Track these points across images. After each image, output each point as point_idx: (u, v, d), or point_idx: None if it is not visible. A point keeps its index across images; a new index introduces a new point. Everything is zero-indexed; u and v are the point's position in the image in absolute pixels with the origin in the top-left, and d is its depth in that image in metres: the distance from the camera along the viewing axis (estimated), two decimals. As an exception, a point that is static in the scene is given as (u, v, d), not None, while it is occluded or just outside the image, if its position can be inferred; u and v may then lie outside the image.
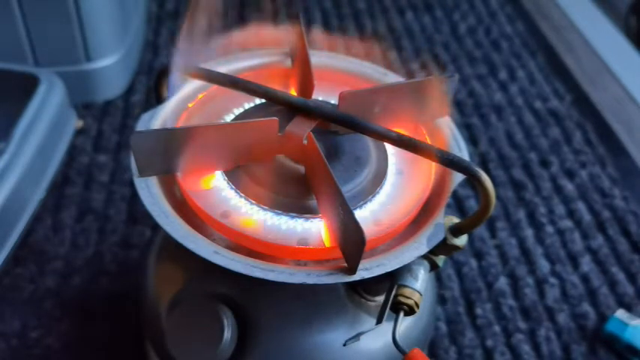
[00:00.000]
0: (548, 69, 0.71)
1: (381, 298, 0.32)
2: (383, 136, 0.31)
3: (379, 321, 0.29)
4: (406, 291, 0.30)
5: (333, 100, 0.35)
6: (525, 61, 0.72)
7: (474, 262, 0.51)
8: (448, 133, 0.34)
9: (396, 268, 0.28)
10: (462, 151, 0.33)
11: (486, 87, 0.68)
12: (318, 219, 0.30)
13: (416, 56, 0.72)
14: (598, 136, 0.63)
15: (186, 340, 0.31)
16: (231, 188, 0.31)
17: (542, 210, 0.55)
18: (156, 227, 0.38)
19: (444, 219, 0.30)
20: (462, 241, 0.30)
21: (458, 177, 0.32)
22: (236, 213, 0.30)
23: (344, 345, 0.30)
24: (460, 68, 0.70)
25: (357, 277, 0.28)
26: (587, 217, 0.55)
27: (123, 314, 0.45)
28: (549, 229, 0.54)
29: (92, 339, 0.44)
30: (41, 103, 0.53)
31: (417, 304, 0.30)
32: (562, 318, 0.48)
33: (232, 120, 0.34)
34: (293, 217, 0.30)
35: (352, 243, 0.27)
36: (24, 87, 0.54)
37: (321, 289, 0.33)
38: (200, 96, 0.35)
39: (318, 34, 0.36)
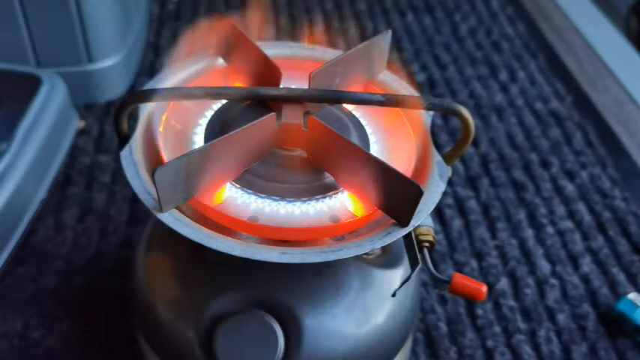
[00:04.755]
0: (548, 70, 0.71)
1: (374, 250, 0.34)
2: (370, 102, 0.33)
3: (417, 263, 0.31)
4: (422, 229, 0.35)
5: (292, 85, 0.36)
6: (526, 62, 0.72)
7: (474, 263, 0.51)
8: (397, 85, 0.37)
9: (432, 208, 0.30)
10: (412, 93, 0.36)
11: (487, 88, 0.68)
12: (339, 194, 0.31)
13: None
14: (598, 137, 0.63)
15: (239, 356, 0.31)
16: (249, 193, 0.31)
17: (542, 211, 0.55)
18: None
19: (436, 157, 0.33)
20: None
21: (429, 120, 0.35)
22: (263, 213, 0.30)
23: (393, 296, 0.32)
24: (461, 69, 0.70)
25: (410, 227, 0.30)
26: (587, 217, 0.55)
27: (124, 314, 0.45)
28: (550, 229, 0.54)
29: (93, 339, 0.44)
30: (43, 103, 0.53)
31: (434, 238, 0.34)
32: (562, 319, 0.48)
33: (207, 128, 0.33)
34: (318, 199, 0.31)
35: (403, 196, 0.29)
36: (26, 87, 0.54)
37: (338, 270, 0.34)
38: (164, 117, 0.34)
39: (253, 25, 0.37)
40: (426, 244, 0.35)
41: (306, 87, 0.33)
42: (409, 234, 0.31)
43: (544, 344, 0.46)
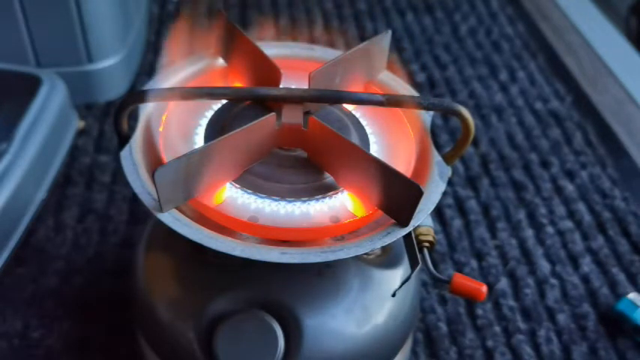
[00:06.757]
0: (548, 70, 0.71)
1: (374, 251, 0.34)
2: (370, 102, 0.33)
3: (417, 263, 0.31)
4: (422, 229, 0.35)
5: (292, 85, 0.36)
6: (526, 62, 0.72)
7: (474, 263, 0.51)
8: (396, 85, 0.37)
9: (432, 208, 0.30)
10: (412, 93, 0.36)
11: (487, 88, 0.68)
12: (339, 194, 0.31)
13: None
14: (598, 137, 0.63)
15: (239, 357, 0.31)
16: (249, 193, 0.31)
17: (542, 211, 0.55)
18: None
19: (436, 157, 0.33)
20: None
21: (429, 120, 0.35)
22: (263, 213, 0.30)
23: (393, 296, 0.32)
24: (461, 69, 0.70)
25: (410, 227, 0.30)
26: (587, 217, 0.55)
27: (124, 314, 0.45)
28: (550, 229, 0.54)
29: (93, 339, 0.44)
30: (43, 103, 0.53)
31: (434, 238, 0.35)
32: (562, 318, 0.48)
33: (207, 128, 0.33)
34: (318, 199, 0.31)
35: (403, 197, 0.29)
36: (26, 88, 0.54)
37: (338, 270, 0.34)
38: (164, 117, 0.34)
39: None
40: (426, 244, 0.35)
41: (306, 87, 0.33)
42: (409, 234, 0.31)
43: (544, 344, 0.46)
